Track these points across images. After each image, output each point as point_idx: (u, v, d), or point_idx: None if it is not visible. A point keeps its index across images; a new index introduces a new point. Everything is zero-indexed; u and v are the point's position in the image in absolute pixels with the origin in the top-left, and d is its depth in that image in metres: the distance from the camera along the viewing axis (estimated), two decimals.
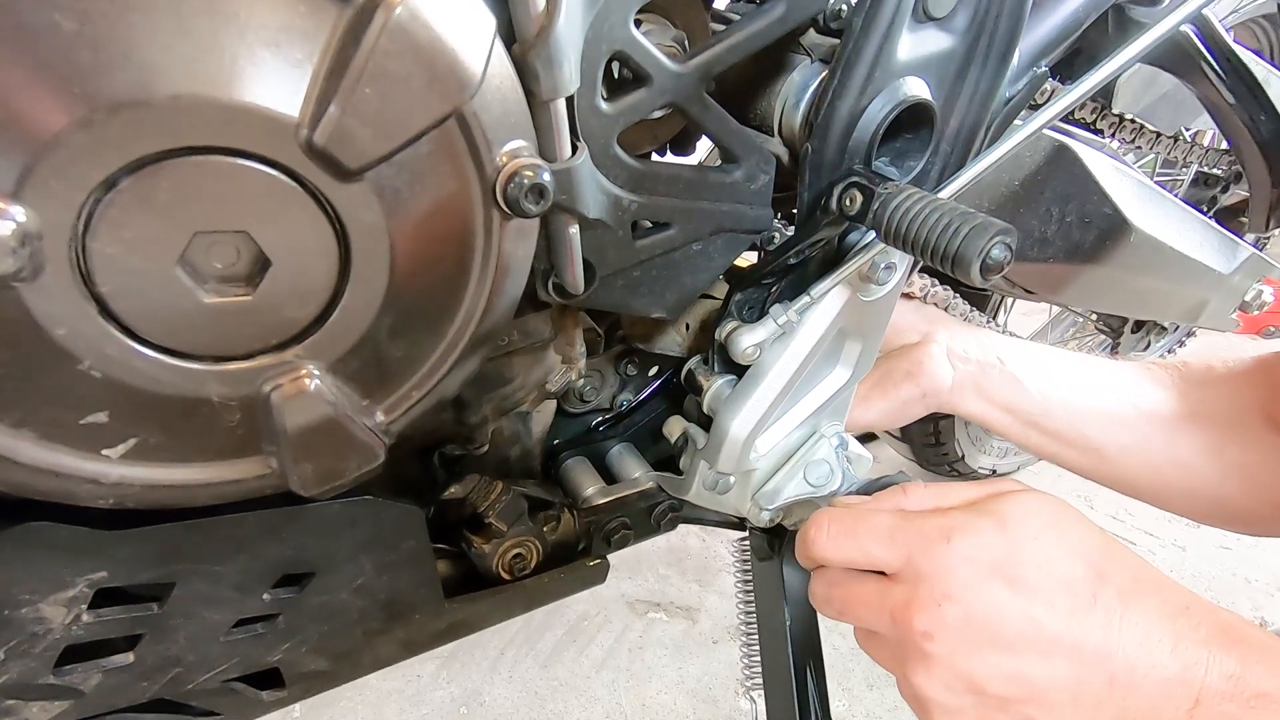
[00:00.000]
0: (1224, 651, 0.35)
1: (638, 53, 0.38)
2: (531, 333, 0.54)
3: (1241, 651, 0.36)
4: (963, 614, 0.38)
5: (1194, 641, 0.36)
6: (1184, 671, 0.35)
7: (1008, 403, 0.64)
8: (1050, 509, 0.40)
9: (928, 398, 0.64)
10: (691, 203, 0.45)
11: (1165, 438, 0.62)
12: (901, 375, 0.63)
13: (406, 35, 0.29)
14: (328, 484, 0.38)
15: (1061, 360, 0.66)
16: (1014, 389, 0.64)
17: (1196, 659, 0.35)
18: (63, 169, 0.26)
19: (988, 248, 0.38)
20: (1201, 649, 0.36)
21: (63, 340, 0.29)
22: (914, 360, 0.64)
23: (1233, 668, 0.35)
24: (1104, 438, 0.63)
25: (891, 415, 0.65)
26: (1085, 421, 0.63)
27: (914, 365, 0.63)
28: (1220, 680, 0.35)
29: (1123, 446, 0.63)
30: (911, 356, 0.64)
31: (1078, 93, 0.47)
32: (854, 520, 0.43)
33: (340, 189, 0.31)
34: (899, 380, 0.64)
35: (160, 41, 0.26)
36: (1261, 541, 1.63)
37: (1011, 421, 0.65)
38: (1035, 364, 0.65)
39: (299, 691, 0.50)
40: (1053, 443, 0.65)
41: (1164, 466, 0.62)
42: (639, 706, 1.21)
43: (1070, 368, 0.65)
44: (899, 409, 0.64)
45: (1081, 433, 0.63)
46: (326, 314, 0.34)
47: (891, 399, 0.64)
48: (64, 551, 0.36)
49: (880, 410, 0.64)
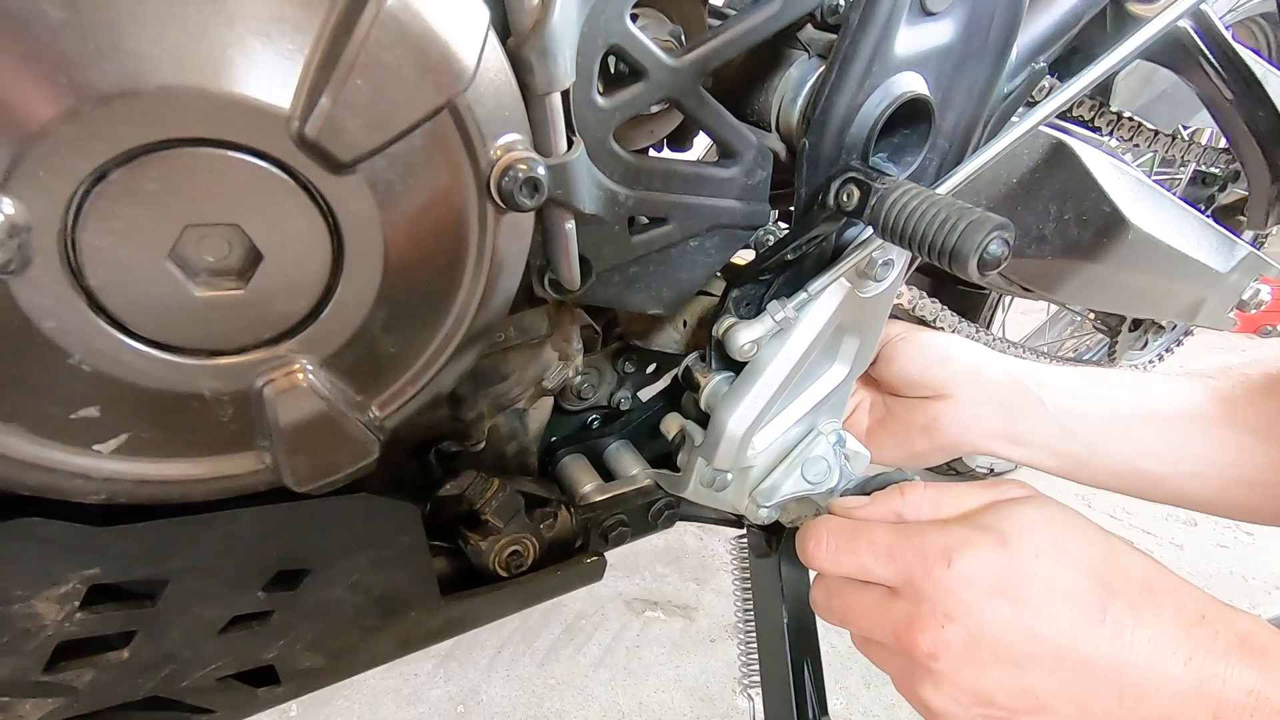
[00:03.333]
0: (1243, 664, 0.34)
1: (634, 47, 0.38)
2: (528, 329, 0.53)
3: (1262, 663, 0.34)
4: (966, 634, 0.37)
5: (1210, 652, 0.35)
6: (1199, 685, 0.34)
7: (1052, 446, 0.60)
8: (1052, 520, 0.39)
9: (944, 451, 0.61)
10: (688, 198, 0.44)
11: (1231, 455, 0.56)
12: (918, 430, 0.60)
13: (399, 26, 0.28)
14: (322, 480, 0.38)
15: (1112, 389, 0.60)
16: (1056, 431, 0.59)
17: (1213, 672, 0.34)
18: (51, 160, 0.26)
19: (985, 243, 0.38)
20: (1219, 661, 0.35)
21: (52, 334, 0.29)
22: (930, 417, 0.60)
23: (1253, 681, 0.34)
24: (1162, 469, 0.58)
25: (904, 462, 0.62)
26: (1140, 458, 0.58)
27: (930, 422, 0.60)
28: (1239, 694, 0.34)
29: (1183, 474, 0.58)
30: (928, 412, 0.60)
31: (1076, 88, 0.47)
32: (852, 535, 0.43)
33: (333, 182, 0.31)
34: (915, 434, 0.60)
35: (150, 31, 0.26)
36: (1258, 539, 1.63)
37: (1058, 463, 0.60)
38: (1081, 399, 0.59)
39: (294, 689, 0.49)
40: (1108, 476, 0.60)
41: (1231, 488, 0.57)
42: (636, 705, 1.21)
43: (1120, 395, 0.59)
44: (912, 458, 0.62)
45: (1136, 466, 0.59)
46: (319, 308, 0.34)
47: (906, 450, 0.61)
48: (56, 547, 0.36)
49: (894, 457, 0.62)
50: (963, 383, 0.59)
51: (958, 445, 0.60)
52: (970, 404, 0.59)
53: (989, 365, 0.60)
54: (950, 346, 0.60)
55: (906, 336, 0.60)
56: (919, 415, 0.60)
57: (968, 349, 0.61)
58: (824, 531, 0.44)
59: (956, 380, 0.59)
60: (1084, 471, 0.60)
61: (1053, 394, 0.59)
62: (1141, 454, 0.58)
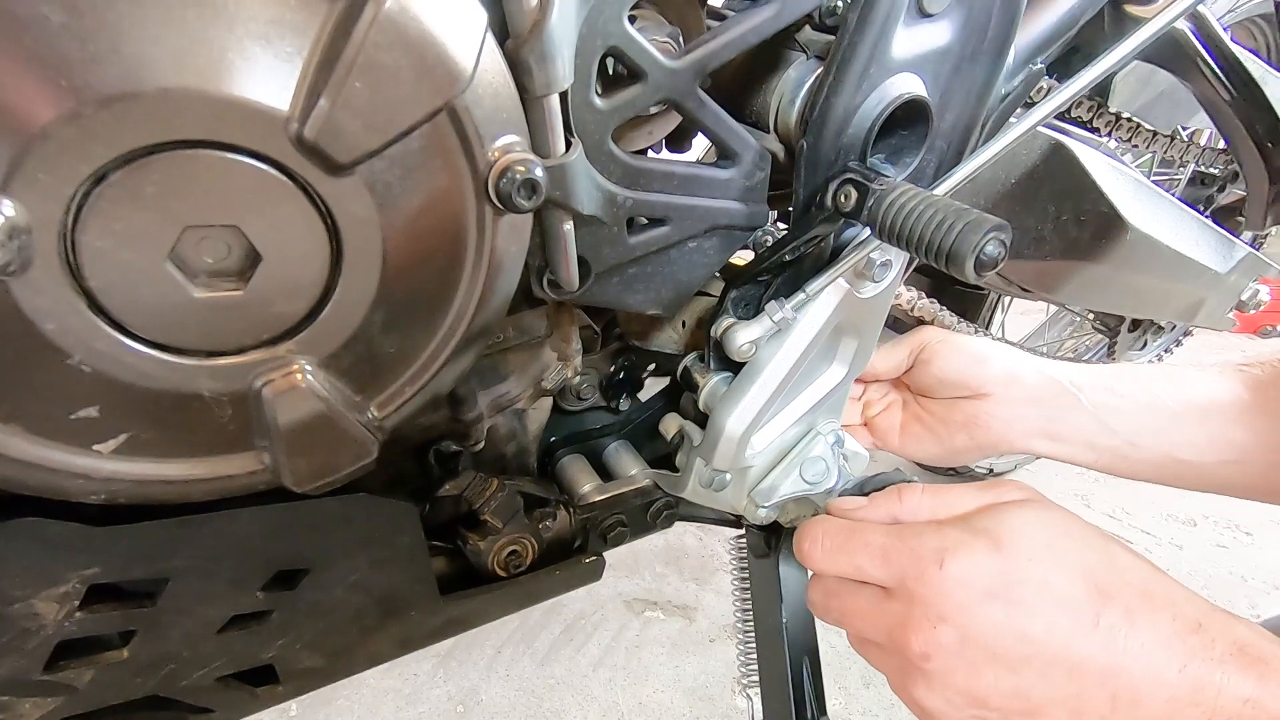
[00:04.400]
0: (1240, 673, 0.34)
1: (632, 48, 0.38)
2: (527, 330, 0.54)
3: (1260, 672, 0.34)
4: (959, 636, 0.37)
5: (1207, 660, 0.35)
6: (1194, 692, 0.34)
7: (1091, 441, 0.61)
8: (1048, 524, 0.39)
9: (983, 449, 0.61)
10: (687, 199, 0.44)
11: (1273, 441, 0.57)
12: (958, 426, 0.61)
13: (397, 28, 0.28)
14: (321, 480, 0.38)
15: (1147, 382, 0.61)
16: (1095, 426, 0.60)
17: (1209, 679, 0.34)
18: (51, 162, 0.26)
19: (982, 244, 0.38)
20: (1215, 669, 0.34)
21: (52, 335, 0.29)
22: (969, 414, 0.61)
23: (1250, 690, 0.34)
24: (1203, 458, 0.59)
25: (944, 459, 0.63)
26: (1181, 448, 0.59)
27: (969, 419, 0.60)
28: (1235, 703, 0.34)
29: (1225, 462, 0.59)
30: (966, 410, 0.61)
31: (1074, 88, 0.47)
32: (847, 536, 0.43)
33: (331, 183, 0.31)
34: (955, 430, 0.61)
35: (149, 34, 0.26)
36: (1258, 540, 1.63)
37: (1098, 458, 0.61)
38: (1116, 394, 0.60)
39: (294, 688, 0.50)
40: (1148, 468, 0.61)
41: (1273, 473, 0.57)
42: (636, 705, 1.21)
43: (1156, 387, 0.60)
44: (950, 455, 0.62)
45: (1177, 457, 0.59)
46: (318, 309, 0.34)
47: (946, 446, 0.62)
48: (56, 547, 0.36)
49: (932, 453, 0.63)
50: (1000, 382, 0.60)
51: (997, 443, 0.61)
52: (1008, 402, 0.60)
53: (1024, 366, 0.61)
54: (987, 349, 0.61)
55: (944, 339, 0.61)
56: (957, 413, 0.61)
57: (1003, 351, 0.62)
58: (820, 531, 0.44)
59: (994, 380, 0.60)
60: (1125, 465, 0.61)
61: (1088, 391, 0.60)
62: (1182, 444, 0.59)
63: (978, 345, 0.61)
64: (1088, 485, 1.79)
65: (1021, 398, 0.60)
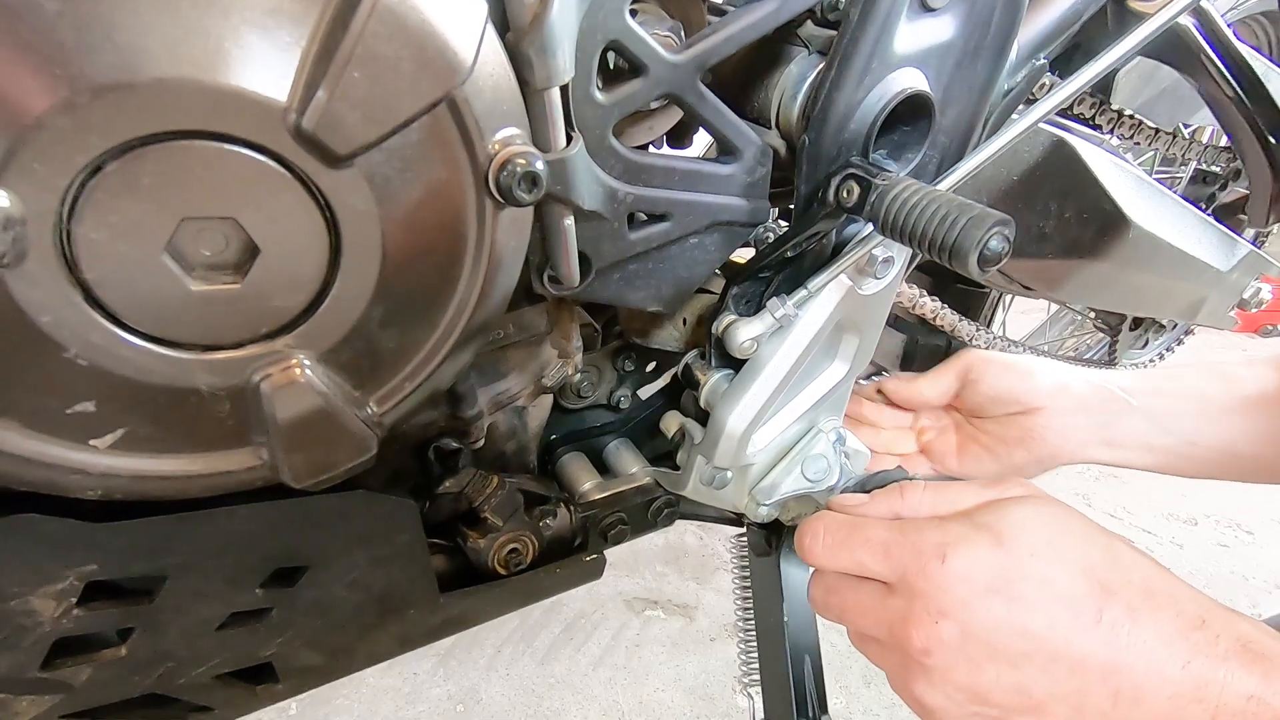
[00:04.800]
0: (1244, 669, 0.34)
1: (633, 42, 0.38)
2: (527, 326, 0.53)
3: (1264, 669, 0.34)
4: (960, 631, 0.37)
5: (1210, 657, 0.34)
6: (1197, 688, 0.34)
7: (1148, 443, 0.61)
8: (1050, 520, 0.39)
9: (1042, 462, 0.62)
10: (688, 195, 0.44)
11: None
12: (1014, 443, 0.61)
13: (396, 19, 0.28)
14: (320, 476, 0.38)
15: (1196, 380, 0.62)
16: (1149, 428, 0.60)
17: (1212, 676, 0.34)
18: (46, 152, 0.26)
19: (985, 239, 0.38)
20: (1218, 665, 0.34)
21: (47, 328, 0.29)
22: (1024, 430, 0.61)
23: (1254, 687, 0.33)
24: (1262, 450, 0.59)
25: (1001, 473, 0.64)
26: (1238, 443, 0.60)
27: (1024, 434, 0.61)
28: (1239, 700, 0.33)
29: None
30: (1021, 425, 0.61)
31: (1077, 84, 0.46)
32: (849, 531, 0.43)
33: (330, 175, 0.31)
34: (1011, 447, 0.62)
35: (145, 23, 0.26)
36: (1259, 539, 1.63)
37: (1156, 459, 0.62)
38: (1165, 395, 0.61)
39: (293, 686, 0.49)
40: (1206, 465, 0.61)
41: None
42: (636, 704, 1.21)
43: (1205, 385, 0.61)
44: (1011, 472, 0.63)
45: (1235, 452, 0.60)
46: (317, 303, 0.34)
47: (1004, 463, 0.62)
48: (53, 544, 0.36)
49: (991, 470, 0.63)
50: (1050, 394, 0.61)
51: (1055, 455, 0.61)
52: (1060, 413, 0.60)
53: (1071, 377, 0.62)
54: (1032, 363, 0.62)
55: (988, 359, 0.62)
56: (1012, 429, 0.61)
57: (1050, 366, 0.63)
58: (821, 527, 0.44)
59: (1044, 392, 0.61)
60: (1185, 464, 0.62)
61: (1137, 394, 0.61)
62: (1239, 439, 0.60)
63: (1023, 361, 0.62)
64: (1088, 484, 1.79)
65: (1072, 407, 0.60)
